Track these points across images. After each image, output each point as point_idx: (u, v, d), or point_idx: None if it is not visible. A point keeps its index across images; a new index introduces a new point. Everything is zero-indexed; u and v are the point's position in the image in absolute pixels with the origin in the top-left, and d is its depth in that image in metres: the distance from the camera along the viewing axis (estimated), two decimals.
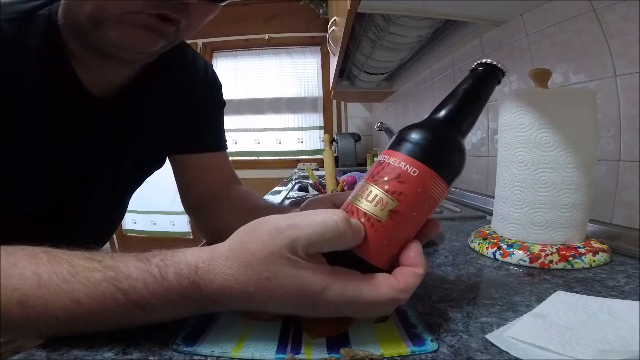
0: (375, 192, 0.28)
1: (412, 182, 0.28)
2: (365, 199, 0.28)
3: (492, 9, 0.79)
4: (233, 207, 0.61)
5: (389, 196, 0.27)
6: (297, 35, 2.73)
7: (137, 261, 0.28)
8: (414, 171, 0.28)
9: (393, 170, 0.28)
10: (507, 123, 0.51)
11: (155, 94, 0.54)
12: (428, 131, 0.30)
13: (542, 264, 0.45)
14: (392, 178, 0.28)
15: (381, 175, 0.28)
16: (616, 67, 0.56)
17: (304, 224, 0.25)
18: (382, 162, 0.29)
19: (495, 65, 0.32)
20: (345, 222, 0.25)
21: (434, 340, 0.28)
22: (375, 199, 0.27)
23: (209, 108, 0.64)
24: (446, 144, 0.30)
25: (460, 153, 0.30)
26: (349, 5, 0.81)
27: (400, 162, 0.28)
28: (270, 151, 2.79)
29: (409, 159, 0.28)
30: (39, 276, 0.27)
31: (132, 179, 0.62)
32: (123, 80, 0.49)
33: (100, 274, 0.27)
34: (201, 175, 0.64)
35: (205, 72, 0.62)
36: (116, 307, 0.27)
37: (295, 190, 1.41)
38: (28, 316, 0.26)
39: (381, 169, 0.29)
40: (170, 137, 0.60)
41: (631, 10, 0.53)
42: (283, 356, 0.26)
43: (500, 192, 0.53)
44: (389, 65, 1.41)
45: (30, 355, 0.26)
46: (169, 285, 0.26)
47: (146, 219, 2.81)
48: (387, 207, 0.27)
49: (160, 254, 0.28)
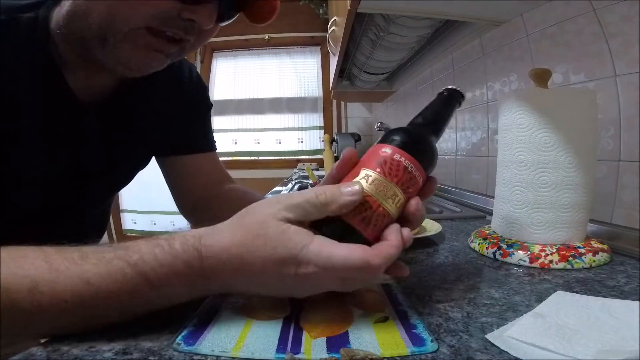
0: (401, 198, 0.32)
1: (419, 185, 0.34)
2: (393, 202, 0.32)
3: (492, 9, 0.79)
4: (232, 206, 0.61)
5: (405, 198, 0.33)
6: (297, 35, 2.73)
7: (148, 240, 0.30)
8: (420, 178, 0.34)
9: (412, 178, 0.33)
10: (507, 123, 0.51)
11: (143, 97, 0.54)
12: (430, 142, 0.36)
13: (542, 264, 0.45)
14: (413, 186, 0.33)
15: (405, 183, 0.32)
16: (616, 67, 0.56)
17: (295, 195, 0.30)
18: (407, 168, 0.33)
19: (456, 89, 0.40)
20: (322, 194, 0.29)
21: (434, 341, 0.28)
22: (399, 203, 0.32)
23: (198, 110, 0.65)
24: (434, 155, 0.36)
25: None
26: (349, 5, 0.81)
27: (416, 171, 0.33)
28: (270, 151, 2.79)
29: (421, 170, 0.34)
30: (50, 263, 0.28)
31: (125, 178, 0.63)
32: (111, 85, 0.49)
33: (110, 254, 0.29)
34: (195, 176, 0.65)
35: (190, 75, 0.63)
36: (124, 282, 0.28)
37: (295, 191, 1.41)
38: (38, 302, 0.27)
39: (406, 175, 0.33)
40: (161, 138, 0.60)
41: (631, 10, 0.53)
42: (283, 356, 0.26)
43: (500, 192, 0.53)
44: (389, 65, 1.41)
45: (30, 355, 0.26)
46: (176, 253, 0.29)
47: (146, 219, 2.81)
48: (402, 206, 0.33)
49: (169, 233, 0.31)
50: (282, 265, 0.28)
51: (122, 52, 0.39)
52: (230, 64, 2.81)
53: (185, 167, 0.64)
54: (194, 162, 0.64)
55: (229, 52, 2.81)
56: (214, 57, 2.80)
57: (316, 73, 2.80)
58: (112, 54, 0.39)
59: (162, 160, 0.64)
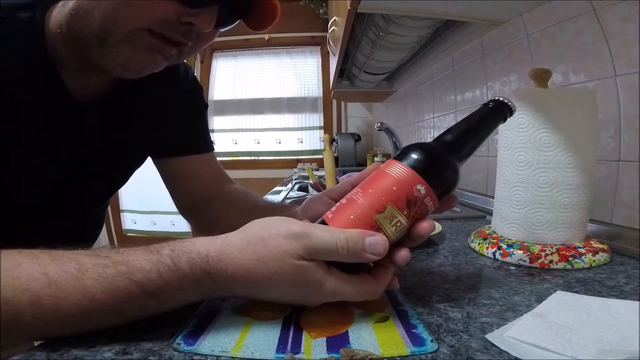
0: (402, 221, 0.31)
1: (426, 212, 0.33)
2: (391, 224, 0.31)
3: (492, 9, 0.79)
4: (233, 207, 0.61)
5: (409, 222, 0.32)
6: (297, 35, 2.73)
7: (147, 253, 0.29)
8: (430, 205, 0.32)
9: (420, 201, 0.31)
10: (507, 123, 0.51)
11: (140, 98, 0.54)
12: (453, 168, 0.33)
13: (542, 264, 0.45)
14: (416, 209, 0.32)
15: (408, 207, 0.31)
16: (616, 67, 0.56)
17: (314, 236, 0.29)
18: (427, 206, 0.32)
19: (504, 102, 0.36)
20: (344, 249, 0.29)
21: (434, 341, 0.28)
22: (399, 227, 0.31)
23: (194, 110, 0.65)
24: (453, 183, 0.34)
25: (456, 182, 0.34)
26: (349, 5, 0.81)
27: (427, 197, 0.32)
28: (270, 151, 2.79)
29: (433, 194, 0.32)
30: (48, 275, 0.27)
31: (122, 178, 0.63)
32: (108, 85, 0.49)
33: (112, 269, 0.28)
34: (193, 177, 0.64)
35: (187, 75, 0.63)
36: (131, 299, 0.28)
37: (295, 190, 1.41)
38: (42, 316, 0.26)
39: (415, 200, 0.31)
40: (158, 138, 0.60)
41: (631, 10, 0.53)
42: (283, 356, 0.26)
43: (500, 192, 0.53)
44: (389, 65, 1.41)
45: (30, 355, 0.26)
46: (183, 273, 0.28)
47: (146, 219, 2.81)
48: (403, 230, 0.32)
49: (168, 245, 0.30)
50: (299, 297, 0.31)
51: (122, 52, 0.39)
52: (230, 64, 2.81)
53: (183, 168, 0.64)
54: (191, 163, 0.64)
55: (229, 52, 2.81)
56: (214, 57, 2.80)
57: (316, 73, 2.79)
58: (110, 54, 0.39)
59: (159, 162, 0.64)
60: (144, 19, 0.37)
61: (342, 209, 0.32)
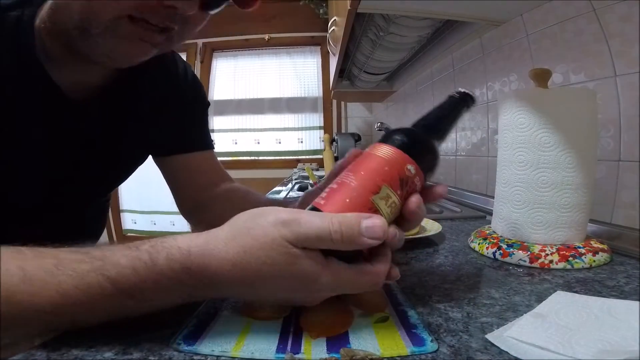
0: (396, 201, 0.31)
1: (416, 189, 0.33)
2: (386, 204, 0.31)
3: (492, 9, 0.79)
4: (235, 206, 0.61)
5: (401, 203, 0.32)
6: (297, 35, 2.73)
7: (126, 249, 0.28)
8: (419, 186, 0.33)
9: (410, 180, 0.32)
10: (507, 123, 0.51)
11: (137, 96, 0.54)
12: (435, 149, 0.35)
13: (542, 264, 0.45)
14: (407, 188, 0.32)
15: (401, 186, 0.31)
16: (616, 67, 0.56)
17: (304, 221, 0.27)
18: (408, 174, 0.32)
19: (467, 93, 0.40)
20: (338, 233, 0.27)
21: (434, 341, 0.28)
22: (393, 208, 0.31)
23: (194, 108, 0.64)
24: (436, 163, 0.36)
25: None
26: (349, 5, 0.81)
27: (417, 176, 0.32)
28: (270, 151, 2.79)
29: (421, 173, 0.33)
30: (24, 270, 0.26)
31: (121, 176, 0.63)
32: (104, 82, 0.49)
33: (87, 265, 0.27)
34: (193, 175, 0.64)
35: (186, 73, 0.62)
36: (104, 296, 0.26)
37: (295, 190, 1.41)
38: (16, 312, 0.26)
39: (406, 179, 0.32)
40: (157, 137, 0.60)
41: (631, 10, 0.53)
42: (283, 356, 0.26)
43: (500, 192, 0.53)
44: (389, 65, 1.41)
45: (30, 355, 0.26)
46: (160, 270, 0.26)
47: (146, 219, 2.81)
48: (397, 212, 0.32)
49: (150, 241, 0.28)
50: (295, 293, 0.29)
51: (106, 43, 0.38)
52: (230, 63, 2.81)
53: (183, 166, 0.64)
54: (191, 161, 0.64)
55: (229, 52, 2.81)
56: (214, 57, 2.80)
57: (316, 73, 2.79)
58: (95, 45, 0.38)
59: (160, 160, 0.64)
60: (123, 5, 0.36)
61: (335, 193, 0.31)
